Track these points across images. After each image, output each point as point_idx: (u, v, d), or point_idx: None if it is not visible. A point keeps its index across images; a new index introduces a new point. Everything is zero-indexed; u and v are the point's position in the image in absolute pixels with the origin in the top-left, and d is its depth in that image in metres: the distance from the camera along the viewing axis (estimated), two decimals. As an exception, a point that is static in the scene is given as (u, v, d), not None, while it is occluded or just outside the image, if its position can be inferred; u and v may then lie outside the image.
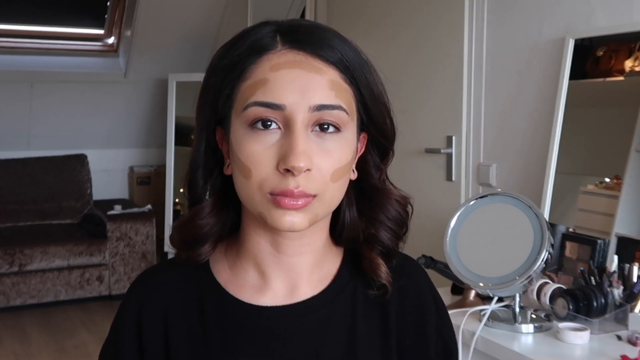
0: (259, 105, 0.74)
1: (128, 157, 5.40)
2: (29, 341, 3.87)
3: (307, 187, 0.75)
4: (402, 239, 0.88)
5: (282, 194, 0.74)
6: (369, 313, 0.86)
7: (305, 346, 0.83)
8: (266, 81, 0.75)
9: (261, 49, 0.77)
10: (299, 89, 0.74)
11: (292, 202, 0.75)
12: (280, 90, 0.74)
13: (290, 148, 0.73)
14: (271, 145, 0.75)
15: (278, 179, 0.74)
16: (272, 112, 0.74)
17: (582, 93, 2.26)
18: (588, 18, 2.23)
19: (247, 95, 0.76)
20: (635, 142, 1.98)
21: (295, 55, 0.76)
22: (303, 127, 0.75)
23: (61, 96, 4.84)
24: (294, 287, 0.84)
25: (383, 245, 0.86)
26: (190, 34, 4.79)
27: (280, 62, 0.76)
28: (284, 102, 0.74)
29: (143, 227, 4.62)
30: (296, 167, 0.73)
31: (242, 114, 0.76)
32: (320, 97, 0.75)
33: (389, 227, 0.86)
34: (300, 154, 0.73)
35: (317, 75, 0.76)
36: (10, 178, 4.75)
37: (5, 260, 4.21)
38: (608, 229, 1.99)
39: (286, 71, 0.75)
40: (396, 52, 3.00)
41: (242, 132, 0.76)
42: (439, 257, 1.97)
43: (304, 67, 0.76)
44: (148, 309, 0.85)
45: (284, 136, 0.75)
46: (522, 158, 2.50)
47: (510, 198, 1.76)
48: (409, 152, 2.93)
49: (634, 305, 1.73)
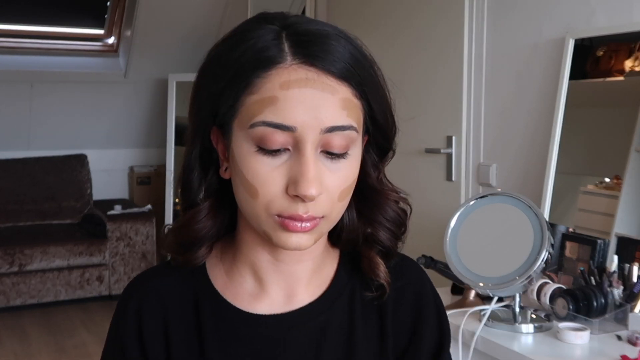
0: (267, 125, 0.71)
1: (128, 157, 5.40)
2: (29, 341, 3.87)
3: (315, 211, 0.74)
4: (401, 239, 0.87)
5: (291, 218, 0.73)
6: (366, 314, 0.86)
7: (304, 353, 0.82)
8: (275, 100, 0.71)
9: (269, 61, 0.72)
10: (311, 109, 0.71)
11: (301, 226, 0.73)
12: (290, 111, 0.71)
13: (302, 174, 0.71)
14: (279, 166, 0.73)
15: (287, 202, 0.72)
16: (281, 133, 0.71)
17: (582, 93, 2.26)
18: (588, 18, 2.23)
19: (253, 111, 0.72)
20: (635, 142, 1.98)
21: (306, 72, 0.72)
22: (313, 150, 0.72)
23: (61, 96, 4.85)
24: (291, 294, 0.83)
25: (382, 245, 0.85)
26: (190, 34, 4.79)
27: (291, 79, 0.71)
28: (295, 125, 0.71)
29: (143, 227, 4.63)
30: (308, 196, 0.71)
31: (249, 130, 0.72)
32: (332, 119, 0.72)
33: (387, 227, 0.85)
34: (312, 180, 0.71)
35: (329, 94, 0.72)
36: (11, 178, 4.76)
37: (5, 260, 4.22)
38: (608, 229, 1.99)
39: (297, 90, 0.71)
40: (396, 52, 3.00)
41: (247, 148, 0.73)
42: (439, 257, 1.97)
43: (316, 87, 0.72)
44: (147, 312, 0.83)
45: (293, 158, 0.72)
46: (522, 158, 2.50)
47: (510, 198, 1.76)
48: (409, 152, 2.92)
49: (634, 305, 1.73)
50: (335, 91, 0.72)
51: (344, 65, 0.73)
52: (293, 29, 0.74)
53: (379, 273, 0.84)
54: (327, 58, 0.73)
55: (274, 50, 0.73)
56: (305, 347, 0.82)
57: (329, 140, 0.72)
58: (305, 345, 0.82)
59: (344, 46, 0.74)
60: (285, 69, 0.72)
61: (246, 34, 0.75)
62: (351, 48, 0.75)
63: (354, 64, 0.74)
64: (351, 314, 0.85)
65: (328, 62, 0.72)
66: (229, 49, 0.75)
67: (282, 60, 0.72)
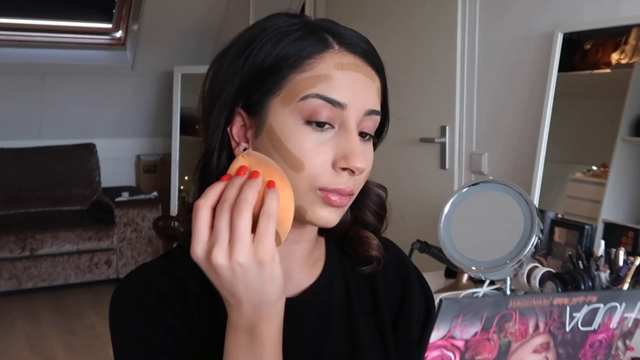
0: (320, 98, 0.73)
1: (135, 146, 5.39)
2: (40, 322, 3.90)
3: (354, 187, 0.76)
4: (385, 218, 0.91)
5: (336, 192, 0.74)
6: (360, 289, 0.89)
7: (311, 334, 0.83)
8: (330, 77, 0.74)
9: (322, 45, 0.75)
10: (359, 91, 0.75)
11: (341, 200, 0.75)
12: (343, 90, 0.74)
13: (351, 149, 0.74)
14: (326, 142, 0.74)
15: (333, 176, 0.74)
16: (331, 108, 0.74)
17: (570, 85, 2.27)
18: (576, 13, 2.24)
19: (304, 86, 0.74)
20: (621, 131, 1.99)
21: (354, 58, 0.76)
22: (355, 129, 0.76)
23: (71, 88, 4.84)
24: (288, 273, 0.81)
25: (370, 225, 0.89)
26: (194, 28, 4.77)
27: (344, 62, 0.75)
28: (345, 102, 0.74)
29: (149, 213, 4.64)
30: (359, 168, 0.74)
31: (297, 104, 0.74)
32: (372, 103, 0.77)
33: (373, 209, 0.88)
34: (361, 155, 0.74)
35: (371, 81, 0.78)
36: (23, 166, 4.76)
37: (18, 245, 4.24)
38: (595, 215, 2.01)
39: (350, 73, 0.75)
40: (393, 47, 3.01)
41: (294, 122, 0.74)
42: (433, 242, 1.96)
43: (363, 72, 0.76)
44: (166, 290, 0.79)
45: (339, 135, 0.75)
46: (512, 147, 2.51)
47: (501, 185, 1.75)
48: (404, 142, 2.94)
49: (620, 288, 1.71)
50: (374, 79, 0.78)
51: (377, 60, 0.80)
52: (324, 25, 0.79)
53: (372, 247, 0.87)
54: (366, 50, 0.78)
55: (321, 37, 0.76)
56: (313, 326, 0.83)
57: (365, 122, 0.77)
58: (314, 324, 0.83)
59: (373, 46, 0.80)
60: (336, 53, 0.76)
61: (282, 23, 0.77)
62: (376, 50, 0.81)
63: (381, 61, 0.80)
64: (347, 291, 0.88)
65: (368, 54, 0.78)
66: (268, 34, 0.76)
67: (332, 46, 0.76)
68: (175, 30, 4.73)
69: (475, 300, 0.56)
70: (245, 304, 0.68)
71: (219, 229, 0.66)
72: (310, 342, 0.83)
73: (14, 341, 3.64)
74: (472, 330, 0.57)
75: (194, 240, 0.67)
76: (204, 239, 0.66)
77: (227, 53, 0.79)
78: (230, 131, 0.78)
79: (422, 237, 2.10)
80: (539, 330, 0.60)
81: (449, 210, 1.82)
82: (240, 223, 0.65)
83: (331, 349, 0.84)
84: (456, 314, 0.55)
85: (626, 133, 2.00)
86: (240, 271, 0.65)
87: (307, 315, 0.83)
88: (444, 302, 0.55)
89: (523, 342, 0.60)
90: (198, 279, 0.79)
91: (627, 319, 0.64)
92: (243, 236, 0.65)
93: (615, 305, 0.62)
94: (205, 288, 0.79)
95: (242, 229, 0.65)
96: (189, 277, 0.80)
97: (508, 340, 0.59)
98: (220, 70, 0.79)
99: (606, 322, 0.63)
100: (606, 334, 0.63)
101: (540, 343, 0.61)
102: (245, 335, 0.69)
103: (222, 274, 0.66)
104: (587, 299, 0.60)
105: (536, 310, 0.59)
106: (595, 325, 0.62)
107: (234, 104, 0.77)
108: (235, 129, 0.78)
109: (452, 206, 1.83)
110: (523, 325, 0.59)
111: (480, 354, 0.58)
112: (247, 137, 0.78)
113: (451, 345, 0.57)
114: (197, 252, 0.66)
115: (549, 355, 0.62)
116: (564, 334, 0.61)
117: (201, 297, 0.80)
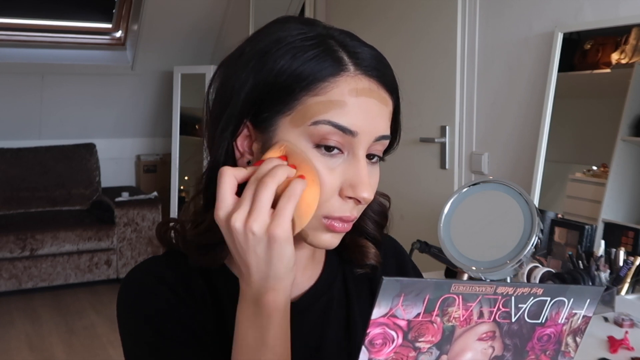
0: (332, 125, 0.71)
1: (135, 146, 5.41)
2: (40, 322, 3.91)
3: (358, 213, 0.76)
4: (385, 228, 0.91)
5: (340, 220, 0.74)
6: (360, 291, 0.90)
7: (310, 337, 0.83)
8: (344, 104, 0.72)
9: (337, 68, 0.73)
10: (371, 118, 0.73)
11: (343, 227, 0.75)
12: (356, 117, 0.72)
13: (359, 179, 0.73)
14: (334, 168, 0.73)
15: (338, 203, 0.74)
16: (342, 135, 0.72)
17: (570, 85, 2.27)
18: (576, 13, 2.24)
19: (316, 110, 0.72)
20: (621, 131, 1.99)
21: (369, 83, 0.74)
22: (364, 155, 0.74)
23: (71, 88, 4.84)
24: None
25: (369, 234, 0.89)
26: (194, 28, 4.78)
27: (359, 88, 0.73)
28: (358, 130, 0.72)
29: (149, 213, 4.64)
30: (365, 199, 0.73)
31: (308, 127, 0.72)
32: (383, 129, 0.75)
33: (374, 219, 0.89)
34: (369, 185, 0.73)
35: (385, 106, 0.75)
36: (23, 166, 4.76)
37: (17, 245, 4.23)
38: (595, 215, 2.01)
39: (364, 99, 0.73)
40: (393, 46, 3.01)
41: (303, 145, 0.73)
42: (433, 242, 1.94)
43: (377, 98, 0.74)
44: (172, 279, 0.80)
45: (348, 162, 0.74)
46: (512, 147, 2.51)
47: (501, 185, 1.72)
48: (404, 142, 2.83)
49: (620, 288, 1.75)
50: (388, 103, 0.76)
51: (392, 82, 0.77)
52: (339, 39, 0.76)
53: (369, 256, 0.88)
54: (382, 72, 0.75)
55: (336, 57, 0.73)
56: (312, 328, 0.84)
57: (374, 146, 0.75)
58: (312, 326, 0.84)
59: (389, 66, 0.78)
60: (351, 77, 0.73)
61: (296, 35, 0.74)
62: (391, 69, 0.78)
63: (395, 82, 0.78)
64: (347, 293, 0.88)
65: (384, 77, 0.76)
66: (281, 48, 0.74)
67: (347, 69, 0.73)
68: (175, 30, 4.74)
69: (417, 280, 0.56)
70: (254, 273, 0.69)
71: (244, 196, 0.68)
72: (310, 345, 0.83)
73: (14, 341, 3.64)
74: (415, 311, 0.57)
75: (218, 202, 0.69)
76: (227, 203, 0.69)
77: (238, 60, 0.77)
78: (235, 142, 0.77)
79: (422, 237, 2.08)
80: (484, 317, 0.60)
81: (449, 210, 1.82)
82: (262, 194, 0.67)
83: (331, 351, 0.84)
84: (397, 292, 0.56)
85: (626, 133, 2.00)
86: (253, 240, 0.67)
87: (306, 318, 0.83)
88: (384, 279, 0.55)
89: (467, 328, 0.60)
90: (202, 275, 0.81)
91: (577, 315, 0.64)
92: (262, 208, 0.67)
93: (562, 300, 0.62)
94: (209, 283, 0.81)
95: (263, 201, 0.67)
96: (193, 271, 0.81)
97: (452, 325, 0.59)
98: (229, 79, 0.77)
99: (554, 317, 0.63)
100: (555, 329, 0.64)
101: (486, 331, 0.61)
102: (252, 305, 0.70)
103: (237, 239, 0.68)
104: (532, 291, 0.60)
105: (480, 297, 0.59)
106: (542, 319, 0.62)
107: (241, 116, 0.75)
108: (240, 140, 0.77)
109: (452, 206, 1.82)
110: (466, 311, 0.59)
111: (424, 336, 0.59)
112: (252, 150, 0.77)
113: (393, 324, 0.57)
114: (220, 214, 0.69)
115: (495, 344, 0.62)
116: (509, 324, 0.61)
117: (205, 291, 0.81)
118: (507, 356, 0.63)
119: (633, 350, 1.49)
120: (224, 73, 0.78)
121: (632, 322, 1.63)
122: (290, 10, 4.27)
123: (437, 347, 0.59)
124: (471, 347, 0.61)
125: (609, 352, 1.49)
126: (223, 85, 0.78)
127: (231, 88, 0.76)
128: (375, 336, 0.57)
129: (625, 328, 1.61)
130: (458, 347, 0.61)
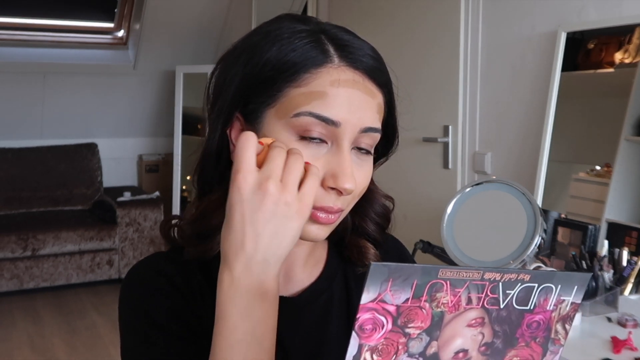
0: (314, 116, 0.72)
1: (137, 146, 5.41)
2: (42, 322, 3.91)
3: (342, 204, 0.75)
4: (387, 230, 0.91)
5: (322, 210, 0.74)
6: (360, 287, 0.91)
7: (311, 333, 0.83)
8: (325, 95, 0.72)
9: (320, 59, 0.74)
10: (355, 109, 0.73)
11: (328, 218, 0.74)
12: (338, 108, 0.72)
13: (341, 169, 0.73)
14: (318, 158, 0.73)
15: (321, 193, 0.73)
16: (324, 126, 0.72)
17: (573, 84, 2.28)
18: (579, 12, 2.25)
19: (298, 102, 0.72)
20: (624, 131, 2.00)
21: (353, 74, 0.74)
22: (349, 146, 0.74)
23: (73, 87, 4.85)
24: (289, 274, 0.84)
25: (370, 236, 0.89)
26: (196, 27, 4.79)
27: (341, 79, 0.73)
28: (340, 120, 0.72)
29: (151, 213, 4.64)
30: (347, 189, 0.72)
31: (290, 119, 0.72)
32: (369, 120, 0.75)
33: (376, 221, 0.89)
34: (351, 175, 0.73)
35: (370, 98, 0.75)
36: (24, 166, 4.76)
37: (19, 245, 4.23)
38: (599, 215, 2.02)
39: (346, 90, 0.73)
40: (395, 46, 3.02)
41: (287, 137, 0.73)
42: (436, 242, 2.00)
43: (361, 89, 0.74)
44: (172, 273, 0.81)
45: (331, 153, 0.74)
46: (516, 147, 2.52)
47: (504, 185, 1.79)
48: (407, 142, 2.92)
49: (624, 288, 1.76)
50: (375, 96, 0.76)
51: (382, 75, 0.77)
52: (331, 34, 0.76)
53: (368, 258, 0.88)
54: (370, 65, 0.76)
55: (322, 50, 0.74)
56: (313, 325, 0.84)
57: (361, 139, 0.75)
58: (314, 323, 0.84)
59: (379, 59, 0.78)
60: (334, 69, 0.73)
61: (286, 30, 0.76)
62: (383, 63, 0.78)
63: (387, 75, 0.78)
64: (348, 290, 0.88)
65: (371, 69, 0.76)
66: (269, 41, 0.75)
67: (331, 61, 0.74)
68: (177, 29, 4.74)
69: (404, 265, 0.56)
70: (260, 251, 0.66)
71: (277, 164, 0.67)
72: (310, 341, 0.83)
73: (16, 341, 3.65)
74: (403, 296, 0.57)
75: (242, 164, 0.66)
76: (253, 166, 0.67)
77: (230, 56, 0.79)
78: (229, 134, 0.78)
79: (425, 237, 2.12)
80: (473, 304, 0.60)
81: (452, 210, 1.87)
82: (294, 166, 0.67)
83: (331, 347, 0.84)
84: (385, 277, 0.56)
85: (630, 132, 2.01)
86: (283, 210, 0.66)
87: (307, 314, 0.84)
88: (372, 264, 0.55)
89: (457, 314, 0.60)
90: (201, 269, 0.81)
91: (565, 301, 0.64)
92: (295, 180, 0.67)
93: (550, 287, 0.62)
94: (208, 278, 0.80)
95: (295, 173, 0.67)
96: (194, 267, 0.81)
97: (441, 311, 0.59)
98: (222, 73, 0.79)
99: (542, 303, 0.63)
100: (543, 315, 0.64)
101: (475, 317, 0.61)
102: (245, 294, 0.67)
103: (265, 206, 0.65)
104: (520, 277, 0.60)
105: (468, 283, 0.59)
106: (530, 305, 0.62)
107: (231, 109, 0.77)
108: (234, 133, 0.78)
109: (455, 206, 1.87)
110: (455, 296, 0.59)
111: (413, 322, 0.59)
112: None
113: (383, 310, 0.57)
114: (249, 179, 0.66)
115: (485, 331, 0.62)
116: (498, 310, 0.61)
117: (205, 287, 0.81)
118: (497, 343, 0.63)
119: (636, 350, 1.49)
120: (218, 68, 0.80)
121: (635, 323, 1.63)
122: (293, 9, 4.27)
123: (427, 333, 0.59)
124: (461, 333, 0.61)
125: (613, 352, 1.49)
126: (217, 79, 0.80)
127: (223, 81, 0.78)
128: (365, 321, 0.57)
129: (629, 328, 1.61)
130: (448, 334, 0.61)
